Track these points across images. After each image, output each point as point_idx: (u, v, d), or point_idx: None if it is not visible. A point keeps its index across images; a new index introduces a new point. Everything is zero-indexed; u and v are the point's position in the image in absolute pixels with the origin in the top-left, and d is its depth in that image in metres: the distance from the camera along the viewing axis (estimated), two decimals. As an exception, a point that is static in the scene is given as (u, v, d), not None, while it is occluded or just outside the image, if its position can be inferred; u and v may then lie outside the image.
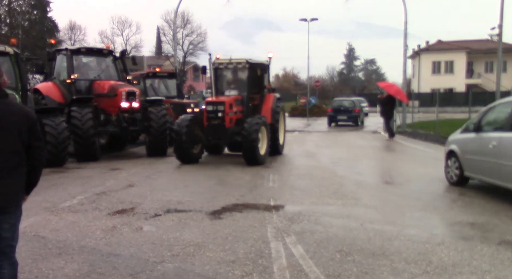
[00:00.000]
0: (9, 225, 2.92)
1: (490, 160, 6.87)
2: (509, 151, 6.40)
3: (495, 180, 6.91)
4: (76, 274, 4.01)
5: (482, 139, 7.22)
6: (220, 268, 4.13)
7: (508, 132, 6.54)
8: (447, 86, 47.59)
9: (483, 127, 7.42)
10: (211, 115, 10.60)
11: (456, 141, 8.27)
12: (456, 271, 4.08)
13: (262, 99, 11.85)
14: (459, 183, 7.96)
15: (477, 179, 7.61)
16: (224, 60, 11.61)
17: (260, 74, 11.96)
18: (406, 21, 22.32)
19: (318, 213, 6.09)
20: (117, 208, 6.41)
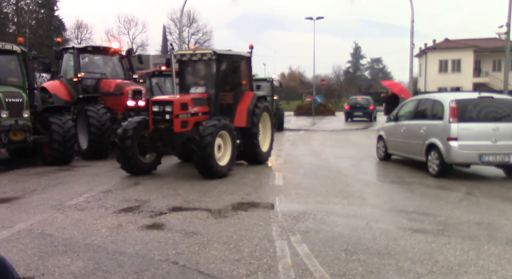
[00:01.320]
0: None
1: (402, 140, 10.22)
2: (412, 133, 9.74)
3: (405, 154, 10.29)
4: (82, 271, 4.03)
5: (397, 126, 10.52)
6: (225, 267, 4.13)
7: (411, 120, 9.96)
8: (454, 85, 47.23)
9: (399, 118, 10.70)
10: (157, 117, 8.67)
11: (383, 128, 11.58)
12: (462, 270, 4.06)
13: (238, 98, 9.98)
14: (385, 158, 11.27)
15: (396, 154, 10.85)
16: (187, 51, 10.19)
17: (234, 68, 10.32)
18: (413, 19, 22.19)
19: (323, 212, 6.08)
20: (123, 206, 6.44)
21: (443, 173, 8.76)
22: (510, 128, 8.52)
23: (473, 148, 8.42)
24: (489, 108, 8.86)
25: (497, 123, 8.55)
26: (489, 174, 9.45)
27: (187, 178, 8.69)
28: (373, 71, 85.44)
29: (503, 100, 9.31)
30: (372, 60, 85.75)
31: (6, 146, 10.13)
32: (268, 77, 22.98)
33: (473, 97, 9.20)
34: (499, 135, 8.42)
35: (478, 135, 8.49)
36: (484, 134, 8.46)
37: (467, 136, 8.48)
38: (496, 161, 8.49)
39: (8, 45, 10.41)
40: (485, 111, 8.75)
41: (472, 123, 8.60)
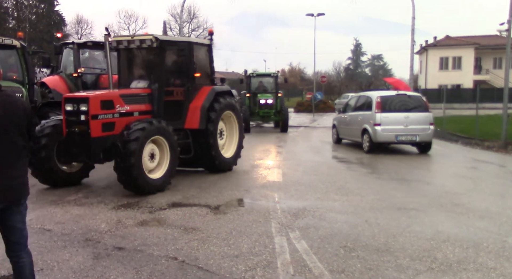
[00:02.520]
0: (21, 216, 3.00)
1: (347, 127, 13.43)
2: (353, 121, 12.89)
3: (350, 137, 13.47)
4: (81, 266, 4.04)
5: (344, 116, 13.70)
6: (224, 263, 4.13)
7: (353, 111, 13.16)
8: (455, 82, 47.16)
9: (346, 110, 13.91)
10: (70, 118, 6.90)
11: (335, 119, 14.58)
12: (461, 268, 4.06)
13: (190, 94, 8.29)
14: (337, 142, 14.34)
15: (344, 138, 13.92)
16: (124, 37, 8.32)
17: (186, 58, 8.30)
18: (413, 16, 22.12)
19: (322, 209, 6.08)
20: (122, 202, 6.44)
21: (372, 149, 11.88)
22: (417, 116, 11.84)
23: (391, 131, 11.66)
24: (403, 102, 12.15)
25: (408, 112, 11.84)
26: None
27: (187, 174, 8.68)
28: (374, 68, 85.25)
29: (413, 97, 12.67)
30: (373, 57, 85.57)
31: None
32: (272, 72, 20.42)
33: (393, 94, 12.64)
34: (409, 121, 11.70)
35: (394, 121, 11.69)
36: (398, 121, 11.70)
37: (387, 122, 11.66)
38: (407, 140, 11.85)
39: (7, 39, 10.38)
40: (400, 104, 12.04)
41: (391, 113, 11.78)
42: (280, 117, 18.62)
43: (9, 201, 2.90)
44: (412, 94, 13.23)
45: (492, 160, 11.20)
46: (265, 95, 18.76)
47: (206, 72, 8.89)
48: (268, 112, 18.66)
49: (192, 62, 8.37)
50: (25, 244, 3.05)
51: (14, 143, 2.92)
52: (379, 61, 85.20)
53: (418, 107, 12.17)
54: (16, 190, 2.93)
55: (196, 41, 8.95)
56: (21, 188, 2.96)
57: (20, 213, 2.99)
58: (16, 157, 2.93)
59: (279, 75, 20.60)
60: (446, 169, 9.71)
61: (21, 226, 3.01)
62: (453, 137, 15.92)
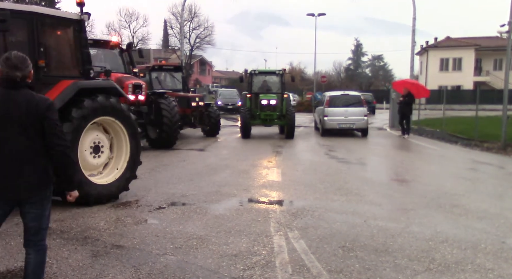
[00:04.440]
0: (34, 215, 2.98)
1: (317, 118, 18.01)
2: (317, 113, 18.33)
3: (318, 125, 17.96)
4: (80, 264, 4.04)
5: (319, 109, 17.89)
6: (222, 262, 4.14)
7: (320, 106, 17.68)
8: (455, 84, 47.18)
9: (317, 105, 18.83)
10: None
11: (326, 112, 16.85)
12: (459, 268, 4.07)
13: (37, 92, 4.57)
14: (316, 129, 18.76)
15: (317, 126, 18.33)
16: None
17: (19, 36, 5.83)
18: (414, 17, 22.14)
19: (321, 209, 6.09)
20: (121, 200, 6.44)
21: (324, 134, 16.85)
22: (354, 110, 16.45)
23: (335, 121, 16.42)
24: (345, 99, 16.92)
25: (347, 107, 16.47)
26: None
27: (185, 173, 8.70)
28: (374, 68, 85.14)
29: (353, 95, 17.75)
30: (373, 58, 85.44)
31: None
32: (277, 69, 17.29)
33: (339, 94, 17.77)
34: (348, 113, 16.40)
35: (337, 114, 16.38)
36: (340, 113, 16.38)
37: (332, 114, 16.41)
38: (346, 127, 16.55)
39: (8, 37, 10.32)
40: (343, 101, 16.83)
41: (335, 108, 16.46)
42: (285, 121, 15.96)
43: (11, 199, 2.93)
44: (352, 94, 18.36)
45: (491, 161, 11.21)
46: (268, 95, 16.12)
47: (70, 59, 6.38)
48: (270, 114, 15.90)
49: (34, 42, 5.73)
50: (36, 243, 3.05)
51: (32, 141, 2.92)
52: (380, 61, 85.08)
53: (356, 103, 16.72)
54: (25, 188, 2.91)
55: (45, 12, 6.05)
56: (30, 187, 2.93)
57: (31, 212, 2.98)
58: (32, 155, 2.93)
59: (285, 73, 17.72)
60: (445, 170, 9.72)
61: (34, 224, 3.01)
62: (453, 138, 15.93)
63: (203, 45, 57.72)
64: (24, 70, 2.93)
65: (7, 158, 2.87)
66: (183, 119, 14.47)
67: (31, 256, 3.05)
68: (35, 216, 3.00)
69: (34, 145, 2.94)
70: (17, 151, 2.88)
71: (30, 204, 2.97)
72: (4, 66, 2.89)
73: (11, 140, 2.87)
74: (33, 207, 2.98)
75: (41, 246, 3.09)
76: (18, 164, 2.88)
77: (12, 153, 2.87)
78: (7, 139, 2.87)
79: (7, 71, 2.88)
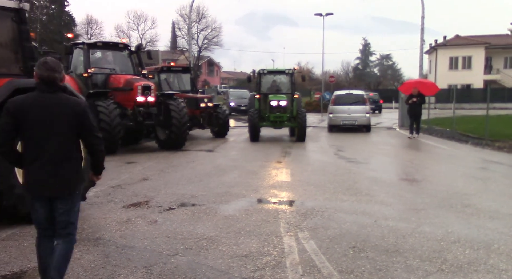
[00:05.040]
0: (63, 210, 3.20)
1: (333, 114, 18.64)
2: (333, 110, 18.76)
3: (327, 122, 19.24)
4: (92, 265, 4.08)
5: (332, 107, 18.80)
6: (232, 262, 4.15)
7: (333, 105, 18.78)
8: (465, 82, 46.74)
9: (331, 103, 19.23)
10: None
11: (330, 109, 18.93)
12: (472, 269, 4.03)
13: None
14: None
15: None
16: None
17: None
18: (423, 15, 21.99)
19: (331, 209, 6.07)
20: (132, 201, 6.48)
21: (330, 130, 18.72)
22: (356, 108, 18.18)
23: (339, 118, 18.31)
24: (349, 98, 18.67)
25: (350, 105, 18.21)
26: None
27: (195, 174, 8.73)
28: (382, 67, 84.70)
29: (356, 94, 19.40)
30: (382, 57, 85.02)
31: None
32: (287, 68, 16.11)
33: (343, 93, 19.68)
34: (351, 111, 18.14)
35: (341, 111, 18.28)
36: (344, 111, 18.22)
37: (336, 112, 18.41)
38: (349, 123, 18.24)
39: (19, 40, 10.45)
40: (346, 99, 18.55)
41: (340, 105, 18.39)
42: (296, 123, 15.04)
43: (49, 195, 3.15)
44: (356, 93, 20.03)
45: (503, 160, 11.09)
46: (278, 96, 15.24)
47: (7, 54, 5.64)
48: (280, 116, 15.06)
49: None
50: (66, 236, 3.25)
51: (68, 142, 3.15)
52: (388, 60, 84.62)
53: (358, 102, 18.41)
54: (56, 187, 3.13)
55: None
56: (64, 185, 3.16)
57: (63, 207, 3.19)
58: (67, 155, 3.15)
59: (296, 72, 17.00)
60: (456, 170, 9.64)
61: (62, 218, 3.21)
62: (463, 137, 15.78)
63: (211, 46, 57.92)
64: (61, 72, 3.16)
65: (45, 158, 3.08)
66: (192, 120, 14.54)
67: (58, 246, 3.24)
68: (64, 211, 3.20)
69: (69, 145, 3.17)
70: (54, 151, 3.09)
71: (61, 200, 3.18)
72: (43, 70, 3.08)
73: (49, 142, 3.08)
74: (63, 203, 3.19)
75: (69, 237, 3.29)
76: (55, 164, 3.10)
77: (50, 154, 3.08)
78: (46, 140, 3.08)
79: (48, 73, 3.08)
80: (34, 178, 3.11)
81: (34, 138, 3.08)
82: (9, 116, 3.04)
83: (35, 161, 3.09)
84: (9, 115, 3.04)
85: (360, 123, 18.22)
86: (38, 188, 3.12)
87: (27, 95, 3.11)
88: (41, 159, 3.08)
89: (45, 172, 3.09)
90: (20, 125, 3.06)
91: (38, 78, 3.12)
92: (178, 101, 12.48)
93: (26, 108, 3.06)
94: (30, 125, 3.06)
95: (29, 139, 3.10)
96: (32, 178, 3.12)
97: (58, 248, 3.23)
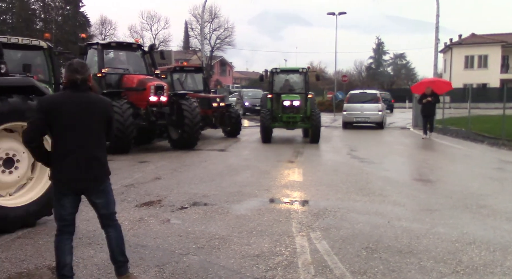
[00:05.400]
0: (102, 204, 3.47)
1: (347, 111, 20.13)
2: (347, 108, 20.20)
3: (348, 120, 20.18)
4: (105, 263, 4.11)
5: (346, 105, 20.19)
6: (244, 262, 4.14)
7: (347, 103, 20.23)
8: (481, 81, 46.05)
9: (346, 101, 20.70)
10: None
11: (345, 107, 20.27)
12: (488, 271, 3.96)
13: None
14: None
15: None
16: None
17: None
18: (438, 14, 21.69)
19: (344, 209, 6.03)
20: (145, 200, 6.53)
21: (344, 127, 19.97)
22: (369, 106, 19.36)
23: (352, 115, 19.59)
24: (363, 96, 19.93)
25: (364, 103, 19.44)
26: None
27: (207, 174, 8.75)
28: (396, 67, 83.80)
29: (370, 93, 20.96)
30: (395, 56, 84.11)
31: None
32: (301, 67, 15.59)
33: (358, 92, 21.27)
34: (364, 109, 19.34)
35: (355, 109, 19.49)
36: (357, 108, 19.43)
37: (350, 109, 19.68)
38: (362, 120, 19.46)
39: (35, 41, 10.66)
40: (360, 98, 19.81)
41: (353, 103, 19.67)
42: (309, 123, 14.44)
43: (82, 189, 3.37)
44: (370, 92, 21.58)
45: (519, 161, 10.88)
46: (291, 95, 14.66)
47: None
48: (293, 117, 14.47)
49: None
50: (109, 223, 3.53)
51: (99, 137, 3.39)
52: (402, 60, 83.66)
53: (371, 100, 19.60)
54: (89, 181, 3.36)
55: None
56: (95, 179, 3.39)
57: (98, 201, 3.44)
58: (98, 150, 3.39)
59: (310, 71, 16.17)
60: (471, 170, 9.49)
61: (104, 204, 3.47)
62: (479, 137, 15.54)
63: (223, 46, 58.08)
64: (84, 73, 3.33)
65: (78, 153, 3.26)
66: (204, 119, 14.57)
67: (111, 233, 3.52)
68: (103, 204, 3.46)
69: (99, 141, 3.40)
70: (87, 147, 3.29)
71: (96, 194, 3.41)
72: (69, 71, 3.31)
73: (81, 137, 3.27)
74: (99, 197, 3.43)
75: (116, 223, 3.58)
76: (87, 159, 3.30)
77: (83, 149, 3.28)
78: (78, 136, 3.26)
79: (73, 74, 3.29)
80: (67, 172, 3.27)
81: (67, 134, 3.25)
82: (41, 113, 3.22)
83: (67, 156, 3.25)
84: (41, 112, 3.22)
85: (372, 120, 19.37)
86: (72, 183, 3.29)
87: (58, 93, 3.29)
88: (74, 154, 3.25)
89: (78, 166, 3.26)
90: (52, 122, 3.22)
91: (65, 79, 3.34)
92: (191, 101, 12.53)
93: (58, 105, 3.24)
94: (63, 122, 3.23)
95: (62, 135, 3.25)
96: (64, 173, 3.27)
97: (113, 236, 3.52)
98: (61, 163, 3.27)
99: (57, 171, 3.31)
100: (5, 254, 4.34)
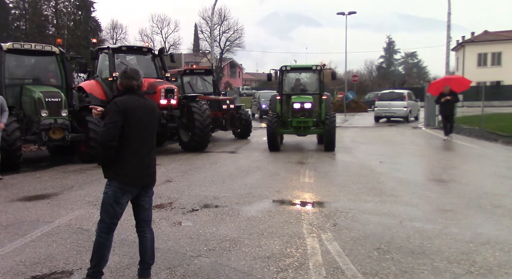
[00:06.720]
0: (148, 199, 3.71)
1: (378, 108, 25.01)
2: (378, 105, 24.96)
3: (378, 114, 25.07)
4: (117, 266, 4.15)
5: (377, 102, 25.10)
6: (255, 264, 4.14)
7: (378, 101, 25.15)
8: (494, 79, 45.32)
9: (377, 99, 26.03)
10: None
11: (376, 104, 25.06)
12: (502, 272, 3.90)
13: None
14: None
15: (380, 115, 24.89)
16: None
17: None
18: (449, 11, 21.48)
19: (355, 210, 5.99)
20: (156, 203, 6.56)
21: (376, 120, 24.65)
22: (395, 103, 23.54)
23: (382, 110, 24.26)
24: (391, 95, 24.26)
25: (392, 101, 23.70)
26: None
27: (218, 176, 8.77)
28: (408, 66, 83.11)
29: (397, 92, 25.01)
30: (406, 55, 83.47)
31: (46, 144, 10.55)
32: (314, 64, 13.48)
33: (387, 91, 26.33)
34: (392, 105, 23.65)
35: (383, 105, 24.01)
36: (385, 105, 23.88)
37: (380, 106, 24.29)
38: (389, 115, 24.20)
39: (47, 46, 10.84)
40: (389, 96, 24.21)
41: (383, 101, 24.15)
42: (323, 129, 12.46)
43: (144, 185, 3.62)
44: (397, 91, 25.72)
45: (535, 159, 10.69)
46: (302, 97, 12.69)
47: None
48: (305, 121, 12.45)
49: None
50: (148, 223, 3.74)
51: (153, 139, 3.69)
52: (413, 58, 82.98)
53: (398, 98, 23.60)
54: (150, 176, 3.66)
55: None
56: (153, 176, 3.69)
57: (148, 196, 3.69)
58: (153, 151, 3.68)
59: (325, 69, 13.95)
60: (485, 169, 9.35)
61: (148, 207, 3.71)
62: (493, 136, 15.30)
63: (233, 48, 58.29)
64: (139, 79, 3.59)
65: (144, 152, 3.56)
66: (215, 122, 14.61)
67: (147, 235, 3.71)
68: (149, 200, 3.71)
69: (155, 140, 3.73)
70: (148, 146, 3.60)
71: (147, 190, 3.67)
72: (123, 78, 3.56)
73: (147, 137, 3.58)
74: (148, 193, 3.69)
75: (151, 227, 3.79)
76: (149, 157, 3.61)
77: (147, 148, 3.59)
78: (145, 136, 3.56)
79: (127, 81, 3.54)
80: (134, 170, 3.51)
81: (138, 134, 3.51)
82: (120, 114, 3.42)
83: (136, 155, 3.51)
84: (119, 113, 3.42)
85: (398, 115, 23.75)
86: (138, 179, 3.54)
87: (126, 97, 3.51)
88: (141, 153, 3.53)
89: (144, 164, 3.55)
90: (127, 122, 3.44)
91: (121, 85, 3.57)
92: (201, 103, 12.57)
93: (131, 107, 3.47)
94: (136, 123, 3.48)
95: (133, 135, 3.48)
96: (132, 171, 3.50)
97: (150, 238, 3.71)
98: (130, 160, 3.49)
99: (125, 169, 3.49)
100: (20, 257, 4.40)
